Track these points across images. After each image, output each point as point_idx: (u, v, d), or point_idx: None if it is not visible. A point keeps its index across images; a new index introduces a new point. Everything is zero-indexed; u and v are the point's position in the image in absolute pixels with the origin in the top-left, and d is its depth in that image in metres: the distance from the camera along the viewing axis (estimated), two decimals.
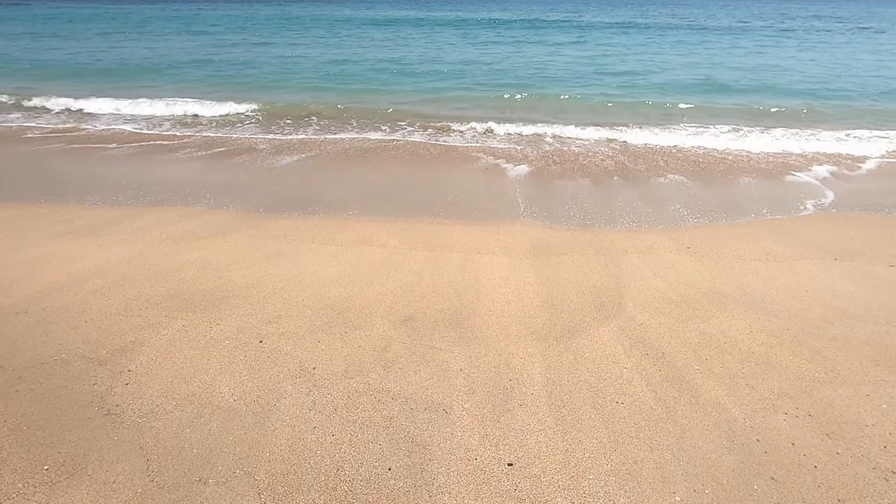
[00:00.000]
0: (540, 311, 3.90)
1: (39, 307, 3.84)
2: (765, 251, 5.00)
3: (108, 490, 2.38)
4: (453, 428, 2.77)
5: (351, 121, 10.84)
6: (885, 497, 2.38)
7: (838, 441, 2.70)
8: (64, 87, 13.67)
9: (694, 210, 6.21)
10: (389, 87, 14.59)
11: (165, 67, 17.44)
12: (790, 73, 17.00)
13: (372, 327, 3.67)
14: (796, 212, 6.18)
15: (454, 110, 11.80)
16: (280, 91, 13.91)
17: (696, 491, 2.41)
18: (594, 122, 10.53)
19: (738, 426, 2.80)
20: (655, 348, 3.46)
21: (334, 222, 5.65)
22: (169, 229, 5.38)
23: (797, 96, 13.50)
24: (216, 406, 2.91)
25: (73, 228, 5.36)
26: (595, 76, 16.58)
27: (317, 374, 3.18)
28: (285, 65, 18.26)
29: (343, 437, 2.70)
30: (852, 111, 11.96)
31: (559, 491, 2.42)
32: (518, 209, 6.19)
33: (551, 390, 3.06)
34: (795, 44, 26.26)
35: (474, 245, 5.08)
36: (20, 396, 2.94)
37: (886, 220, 5.87)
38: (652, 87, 14.69)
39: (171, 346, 3.43)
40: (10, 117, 10.86)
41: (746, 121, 11.00)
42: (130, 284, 4.20)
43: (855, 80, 15.81)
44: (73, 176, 7.21)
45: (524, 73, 17.02)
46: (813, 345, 3.50)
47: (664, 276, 4.46)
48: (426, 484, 2.45)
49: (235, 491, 2.39)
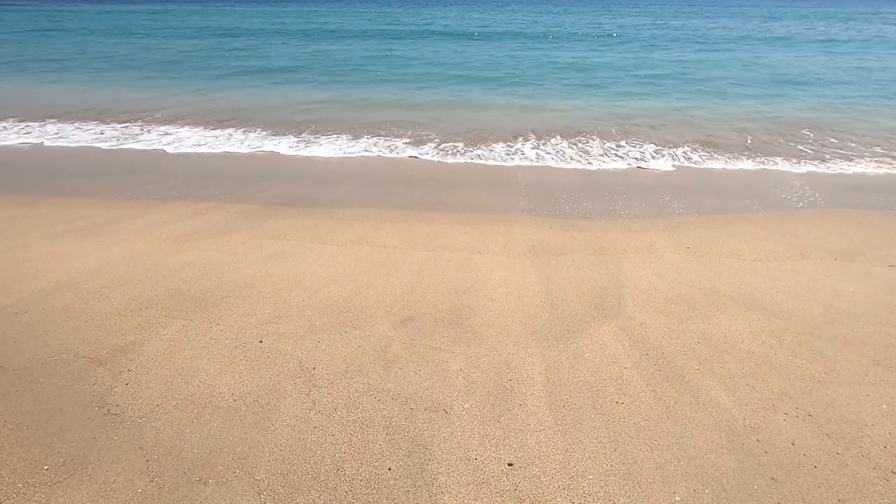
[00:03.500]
0: (540, 311, 3.90)
1: (39, 307, 3.84)
2: (765, 251, 5.00)
3: (108, 490, 2.38)
4: (453, 428, 2.77)
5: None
6: (885, 497, 2.38)
7: (838, 441, 2.69)
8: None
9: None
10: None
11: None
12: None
13: (372, 327, 3.67)
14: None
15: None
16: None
17: (696, 491, 2.41)
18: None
19: (738, 426, 2.80)
20: (655, 348, 3.46)
21: (334, 222, 5.65)
22: (169, 229, 5.38)
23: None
24: (216, 406, 2.91)
25: (73, 228, 5.36)
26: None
27: (317, 374, 3.18)
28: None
29: (343, 437, 2.70)
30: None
31: (559, 491, 2.42)
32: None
33: (551, 390, 3.06)
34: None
35: (474, 245, 5.08)
36: (20, 396, 2.94)
37: (886, 220, 5.86)
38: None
39: (171, 346, 3.43)
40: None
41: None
42: (130, 284, 4.20)
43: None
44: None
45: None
46: (813, 345, 3.50)
47: (664, 276, 4.46)
48: (426, 484, 2.45)
49: (235, 491, 2.39)
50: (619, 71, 18.25)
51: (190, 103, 12.42)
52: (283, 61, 20.11)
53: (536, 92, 14.36)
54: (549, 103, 12.82)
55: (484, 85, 15.40)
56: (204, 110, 11.69)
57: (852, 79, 16.61)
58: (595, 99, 13.47)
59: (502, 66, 19.21)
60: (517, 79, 16.51)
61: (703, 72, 18.07)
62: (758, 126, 10.62)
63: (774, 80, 16.58)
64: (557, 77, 16.89)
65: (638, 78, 16.85)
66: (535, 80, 16.20)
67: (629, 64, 20.01)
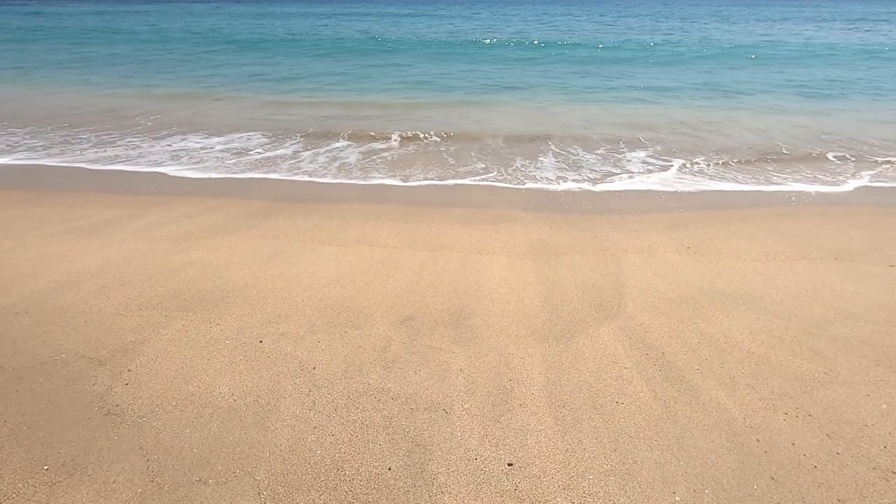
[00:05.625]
0: (540, 311, 3.90)
1: (39, 307, 3.84)
2: (765, 251, 5.00)
3: (108, 490, 2.38)
4: (453, 428, 2.77)
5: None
6: (885, 497, 2.38)
7: (838, 441, 2.70)
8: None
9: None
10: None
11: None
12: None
13: (372, 327, 3.67)
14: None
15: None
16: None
17: (696, 491, 2.41)
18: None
19: (738, 426, 2.80)
20: (655, 348, 3.46)
21: (334, 222, 5.65)
22: (169, 229, 5.38)
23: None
24: (216, 406, 2.91)
25: (73, 228, 5.36)
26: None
27: (317, 374, 3.18)
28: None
29: (343, 437, 2.70)
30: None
31: (559, 491, 2.42)
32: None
33: (551, 390, 3.06)
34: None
35: (474, 245, 5.08)
36: (20, 396, 2.94)
37: (886, 220, 5.86)
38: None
39: (171, 346, 3.43)
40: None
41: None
42: (130, 284, 4.20)
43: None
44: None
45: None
46: (813, 345, 3.50)
47: (664, 276, 4.46)
48: (426, 484, 2.45)
49: (235, 491, 2.39)
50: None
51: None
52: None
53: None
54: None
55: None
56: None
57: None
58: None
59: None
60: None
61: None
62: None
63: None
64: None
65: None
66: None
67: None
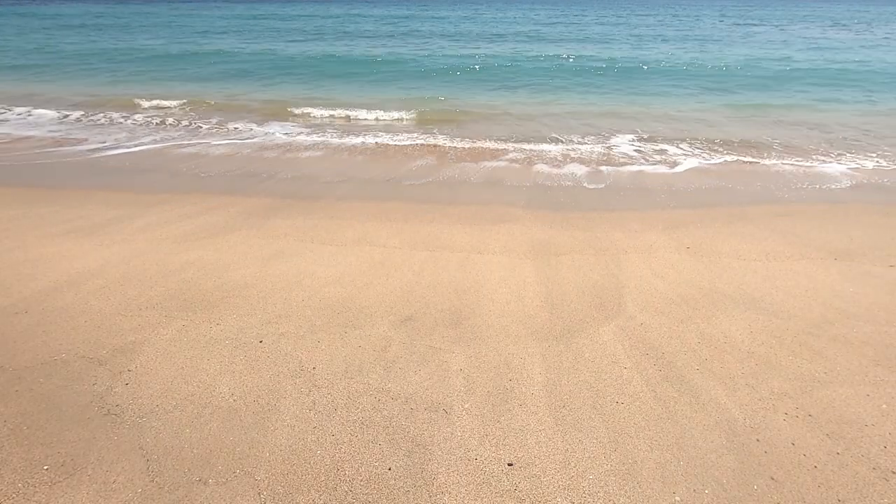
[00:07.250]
0: (540, 311, 3.90)
1: (39, 307, 3.84)
2: (765, 251, 5.00)
3: (108, 490, 2.38)
4: (453, 428, 2.77)
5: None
6: (885, 497, 2.38)
7: (838, 441, 2.69)
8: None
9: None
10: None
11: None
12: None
13: (372, 327, 3.67)
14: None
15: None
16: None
17: (696, 491, 2.41)
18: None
19: (738, 426, 2.79)
20: (655, 348, 3.46)
21: (334, 222, 5.65)
22: (169, 229, 5.38)
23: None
24: (216, 406, 2.91)
25: (73, 228, 5.36)
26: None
27: (317, 374, 3.18)
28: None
29: (343, 437, 2.70)
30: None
31: (559, 491, 2.42)
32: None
33: (551, 390, 3.06)
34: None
35: (474, 245, 5.08)
36: (20, 396, 2.94)
37: (886, 220, 5.86)
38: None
39: (171, 346, 3.42)
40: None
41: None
42: (130, 284, 4.20)
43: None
44: None
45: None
46: (813, 345, 3.50)
47: (664, 276, 4.46)
48: (426, 484, 2.45)
49: (235, 491, 2.39)
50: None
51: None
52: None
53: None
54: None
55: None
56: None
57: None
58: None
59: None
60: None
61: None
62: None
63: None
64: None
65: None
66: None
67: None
